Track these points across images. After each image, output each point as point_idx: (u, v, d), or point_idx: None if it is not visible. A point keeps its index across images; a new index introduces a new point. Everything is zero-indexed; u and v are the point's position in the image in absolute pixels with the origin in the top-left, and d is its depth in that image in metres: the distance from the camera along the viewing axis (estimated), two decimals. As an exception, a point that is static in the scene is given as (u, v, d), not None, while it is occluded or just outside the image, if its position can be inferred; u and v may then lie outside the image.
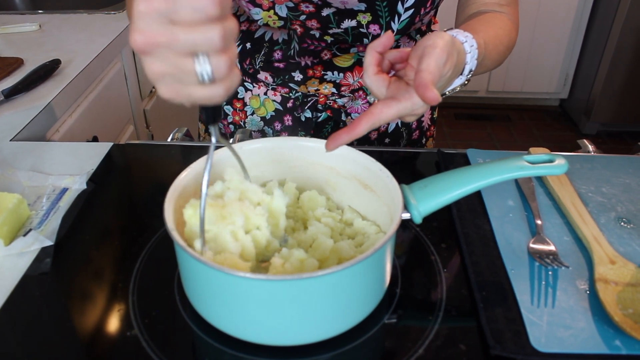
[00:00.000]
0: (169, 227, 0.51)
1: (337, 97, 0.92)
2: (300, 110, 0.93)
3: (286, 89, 0.92)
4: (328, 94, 0.91)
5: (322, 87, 0.90)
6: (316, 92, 0.91)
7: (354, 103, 0.93)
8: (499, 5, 0.81)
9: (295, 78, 0.90)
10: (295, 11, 0.82)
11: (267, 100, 0.95)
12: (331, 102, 0.92)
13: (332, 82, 0.89)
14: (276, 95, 0.94)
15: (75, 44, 1.32)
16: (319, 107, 0.93)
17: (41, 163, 0.84)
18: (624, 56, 2.76)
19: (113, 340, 0.55)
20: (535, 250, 0.65)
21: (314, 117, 0.94)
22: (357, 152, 0.63)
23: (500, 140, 3.02)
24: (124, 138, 1.45)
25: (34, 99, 1.04)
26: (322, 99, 0.92)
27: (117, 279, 0.62)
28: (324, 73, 0.88)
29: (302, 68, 0.89)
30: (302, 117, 0.94)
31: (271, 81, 0.92)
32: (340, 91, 0.91)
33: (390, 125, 0.98)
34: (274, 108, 0.95)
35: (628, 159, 0.83)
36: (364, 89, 0.92)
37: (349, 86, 0.90)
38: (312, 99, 0.92)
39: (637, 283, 0.59)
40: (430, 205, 0.57)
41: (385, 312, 0.58)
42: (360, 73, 0.88)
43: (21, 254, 0.65)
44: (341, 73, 0.88)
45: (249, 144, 0.66)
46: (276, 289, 0.49)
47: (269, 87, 0.94)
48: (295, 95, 0.93)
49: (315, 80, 0.89)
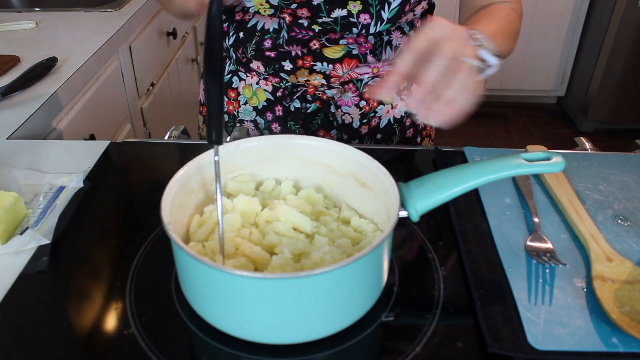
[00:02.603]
0: (166, 226, 0.51)
1: (326, 88, 0.92)
2: (289, 100, 0.94)
3: (277, 78, 0.93)
4: (318, 84, 0.92)
5: (312, 77, 0.90)
6: (306, 83, 0.92)
7: (344, 95, 0.93)
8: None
9: (286, 67, 0.90)
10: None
11: (259, 90, 0.95)
12: (320, 93, 0.93)
13: (321, 73, 0.90)
14: (268, 84, 0.94)
15: (72, 42, 1.32)
16: (308, 98, 0.93)
17: (38, 161, 0.84)
18: (620, 54, 2.76)
19: (110, 338, 0.55)
20: (532, 248, 0.65)
21: (302, 107, 0.94)
22: (355, 150, 0.63)
23: (497, 138, 3.02)
24: (121, 136, 1.45)
25: (31, 97, 1.04)
26: (312, 89, 0.92)
27: (114, 277, 0.62)
28: (313, 64, 0.89)
29: (292, 58, 0.89)
30: (291, 107, 0.94)
31: (263, 70, 0.93)
32: (330, 82, 0.91)
33: (383, 120, 0.98)
34: (265, 98, 0.96)
35: (625, 156, 0.84)
36: (354, 81, 0.92)
37: (338, 78, 0.90)
38: (302, 89, 0.93)
39: (634, 280, 0.59)
40: (427, 203, 0.57)
41: (382, 310, 0.58)
42: (350, 65, 0.88)
43: (18, 252, 0.65)
44: (330, 64, 0.89)
45: (246, 142, 0.66)
46: (273, 287, 0.49)
47: (261, 77, 0.94)
48: (285, 85, 0.93)
49: (305, 71, 0.90)
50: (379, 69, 0.91)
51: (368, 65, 0.90)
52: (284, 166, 0.68)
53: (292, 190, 0.67)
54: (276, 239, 0.59)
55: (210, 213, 0.61)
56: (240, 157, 0.66)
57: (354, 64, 0.89)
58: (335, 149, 0.65)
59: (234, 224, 0.59)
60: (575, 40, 3.05)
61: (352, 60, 0.88)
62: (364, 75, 0.92)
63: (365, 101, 0.95)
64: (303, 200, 0.64)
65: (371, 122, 0.97)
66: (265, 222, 0.61)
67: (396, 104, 0.98)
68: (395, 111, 0.98)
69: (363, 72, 0.91)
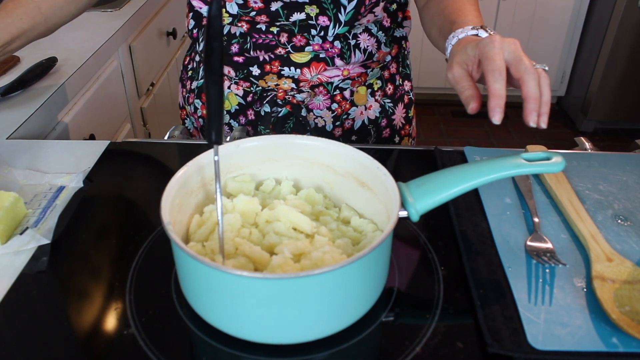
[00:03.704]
0: (166, 226, 0.51)
1: (296, 92, 0.92)
2: (259, 105, 0.94)
3: (248, 83, 0.93)
4: (287, 89, 0.92)
5: (281, 82, 0.90)
6: (275, 87, 0.92)
7: (315, 99, 0.93)
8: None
9: (254, 72, 0.90)
10: (245, 8, 0.82)
11: (230, 94, 0.95)
12: (290, 97, 0.92)
13: (290, 78, 0.90)
14: (239, 89, 0.95)
15: (71, 42, 1.31)
16: (278, 102, 0.93)
17: (38, 161, 0.84)
18: (620, 54, 2.76)
19: (110, 338, 0.55)
20: (532, 248, 0.65)
21: (273, 111, 0.94)
22: (354, 150, 0.63)
23: (497, 137, 3.02)
24: (121, 136, 1.45)
25: (31, 97, 1.04)
26: (281, 93, 0.92)
27: (114, 277, 0.62)
28: (281, 68, 0.89)
29: (260, 63, 0.89)
30: (261, 111, 0.94)
31: (234, 75, 0.93)
32: (300, 86, 0.91)
33: (357, 122, 0.97)
34: (237, 102, 0.96)
35: (625, 156, 0.84)
36: (324, 84, 0.92)
37: (307, 82, 0.90)
38: (271, 94, 0.92)
39: (634, 280, 0.59)
40: (427, 203, 0.57)
41: (382, 311, 0.58)
42: (318, 68, 0.88)
43: (18, 252, 0.65)
44: (298, 69, 0.88)
45: (246, 142, 0.66)
46: (273, 287, 0.49)
47: (232, 81, 0.94)
48: (255, 89, 0.93)
49: (273, 75, 0.90)
50: (349, 71, 0.91)
51: (337, 68, 0.89)
52: (284, 166, 0.68)
53: (292, 190, 0.67)
54: (276, 239, 0.59)
55: (210, 213, 0.61)
56: (240, 157, 0.66)
57: (322, 67, 0.88)
58: (335, 148, 0.65)
59: (233, 224, 0.59)
60: (575, 40, 3.05)
61: (320, 64, 0.88)
62: (334, 78, 0.91)
63: (337, 104, 0.94)
64: (303, 200, 0.64)
65: (344, 124, 0.97)
66: (265, 222, 0.61)
67: (370, 105, 0.97)
68: (370, 112, 0.98)
69: (333, 75, 0.90)
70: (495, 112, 0.57)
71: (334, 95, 0.93)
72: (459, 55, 0.65)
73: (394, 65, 0.99)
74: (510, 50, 0.60)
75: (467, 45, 0.65)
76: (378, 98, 0.98)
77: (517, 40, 0.62)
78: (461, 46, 0.66)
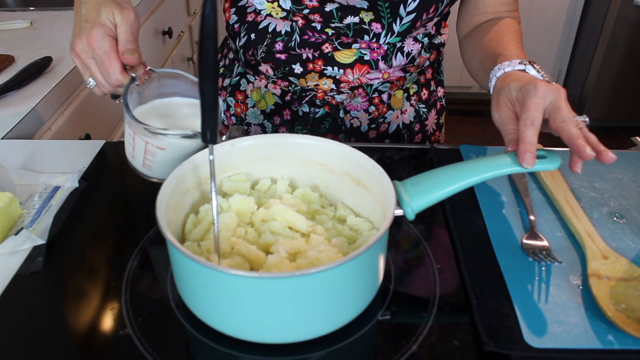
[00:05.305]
0: (162, 225, 0.51)
1: (335, 93, 0.91)
2: (297, 104, 0.93)
3: (286, 82, 0.92)
4: (327, 89, 0.91)
5: (321, 82, 0.90)
6: (315, 87, 0.91)
7: (354, 101, 0.93)
8: (509, 12, 0.87)
9: (296, 71, 0.89)
10: (299, 4, 0.82)
11: (267, 94, 0.94)
12: (329, 97, 0.92)
13: (331, 78, 0.89)
14: (276, 88, 0.94)
15: (66, 41, 1.30)
16: (317, 102, 0.92)
17: (33, 161, 0.84)
18: (616, 51, 2.77)
19: (106, 339, 0.55)
20: (528, 246, 0.65)
21: (311, 112, 0.93)
22: (350, 149, 0.63)
23: (493, 136, 3.03)
24: (117, 136, 1.44)
25: (25, 97, 1.03)
26: (321, 94, 0.91)
27: (110, 277, 0.62)
28: (324, 68, 0.88)
29: (303, 61, 0.88)
30: (299, 111, 0.93)
31: (272, 74, 0.92)
32: (340, 87, 0.90)
33: (392, 125, 0.97)
34: (274, 101, 0.95)
35: (621, 154, 0.84)
36: (363, 86, 0.91)
37: (348, 83, 0.90)
38: (311, 94, 0.92)
39: (630, 278, 0.59)
40: (423, 201, 0.57)
41: (378, 309, 0.58)
42: (361, 71, 0.88)
43: (13, 253, 0.65)
44: (341, 69, 0.88)
45: (241, 141, 0.66)
46: (269, 286, 0.49)
47: (270, 80, 0.93)
48: (294, 89, 0.92)
49: (315, 75, 0.89)
50: (390, 74, 0.91)
51: (379, 70, 0.89)
52: (280, 165, 0.68)
53: (288, 189, 0.67)
54: (272, 238, 0.58)
55: (206, 212, 0.61)
56: (235, 156, 0.66)
57: (365, 69, 0.88)
58: (330, 147, 0.65)
59: (229, 223, 0.59)
60: (571, 38, 3.05)
61: (364, 66, 0.87)
62: (374, 81, 0.91)
63: (374, 106, 0.94)
64: (299, 199, 0.64)
65: (380, 127, 0.97)
66: (261, 221, 0.61)
67: (405, 109, 0.97)
68: (405, 117, 0.98)
69: (373, 78, 0.90)
70: (526, 157, 0.57)
71: (372, 97, 0.93)
72: (504, 95, 0.66)
73: (430, 70, 0.99)
74: (551, 99, 0.60)
75: (512, 84, 0.65)
76: (413, 102, 0.98)
77: (563, 88, 0.61)
78: (507, 82, 0.67)
